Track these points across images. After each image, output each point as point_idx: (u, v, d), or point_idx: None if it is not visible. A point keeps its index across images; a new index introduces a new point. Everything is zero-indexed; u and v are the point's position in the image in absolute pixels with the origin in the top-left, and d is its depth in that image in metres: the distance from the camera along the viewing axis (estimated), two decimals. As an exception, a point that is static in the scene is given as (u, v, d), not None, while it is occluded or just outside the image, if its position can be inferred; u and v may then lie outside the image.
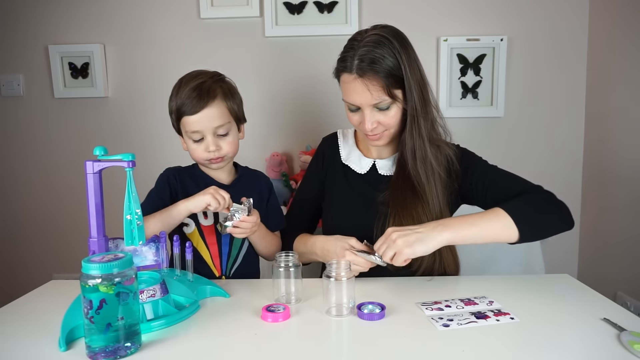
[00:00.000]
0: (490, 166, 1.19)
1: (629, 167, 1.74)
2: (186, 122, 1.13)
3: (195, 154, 1.16)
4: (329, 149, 1.30)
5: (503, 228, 1.00)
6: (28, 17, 1.99)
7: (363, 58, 1.05)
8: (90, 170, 0.83)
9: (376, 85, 1.05)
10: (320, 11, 1.94)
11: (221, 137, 1.15)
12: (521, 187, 1.11)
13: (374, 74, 1.05)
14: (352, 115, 1.13)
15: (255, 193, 1.24)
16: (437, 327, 0.83)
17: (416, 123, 1.11)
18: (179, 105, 1.13)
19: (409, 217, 1.09)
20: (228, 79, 1.20)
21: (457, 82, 1.97)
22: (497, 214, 1.01)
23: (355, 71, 1.05)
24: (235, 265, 1.21)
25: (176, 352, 0.76)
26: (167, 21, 1.98)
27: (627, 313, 0.88)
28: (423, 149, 1.12)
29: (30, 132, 2.06)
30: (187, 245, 1.00)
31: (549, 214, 1.05)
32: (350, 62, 1.06)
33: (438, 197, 1.13)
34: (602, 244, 1.91)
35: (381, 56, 1.04)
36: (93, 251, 0.83)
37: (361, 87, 1.06)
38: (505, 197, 1.08)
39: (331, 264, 0.90)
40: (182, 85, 1.14)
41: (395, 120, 1.11)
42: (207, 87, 1.12)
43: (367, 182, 1.21)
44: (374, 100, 1.07)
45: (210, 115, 1.12)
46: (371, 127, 1.10)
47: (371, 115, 1.09)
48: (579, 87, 1.98)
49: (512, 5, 1.94)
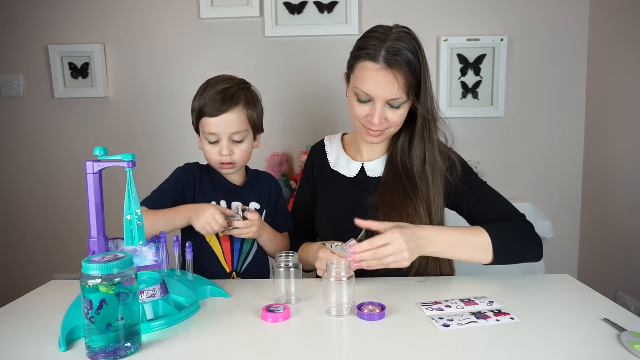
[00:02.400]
0: (480, 181, 1.19)
1: (629, 167, 1.74)
2: (205, 122, 1.15)
3: (208, 155, 1.19)
4: (317, 156, 1.30)
5: (480, 254, 1.04)
6: (28, 17, 1.99)
7: (391, 50, 1.03)
8: (90, 170, 0.83)
9: (402, 81, 1.03)
10: (320, 11, 1.94)
11: (236, 143, 1.17)
12: (507, 211, 1.13)
13: (401, 68, 1.03)
14: (359, 106, 1.10)
15: (265, 195, 1.26)
16: (437, 327, 0.83)
17: (427, 127, 1.11)
18: (201, 105, 1.15)
19: (398, 217, 1.09)
20: (254, 88, 1.23)
21: (457, 82, 1.97)
22: (480, 239, 1.03)
23: (383, 61, 1.03)
24: (247, 262, 1.22)
25: (176, 352, 0.76)
26: (167, 21, 1.98)
27: (627, 313, 0.88)
28: (433, 152, 1.12)
29: (30, 132, 2.06)
30: (187, 245, 1.00)
31: (526, 245, 1.08)
32: (376, 50, 1.03)
33: (440, 202, 1.13)
34: (602, 244, 1.91)
35: (409, 54, 1.04)
36: (93, 251, 0.83)
37: (385, 78, 1.03)
38: (491, 217, 1.11)
39: (331, 263, 0.90)
40: (209, 87, 1.16)
41: (401, 120, 1.11)
42: (231, 93, 1.15)
43: (356, 186, 1.21)
44: (392, 95, 1.05)
45: (228, 120, 1.14)
46: (379, 121, 1.08)
47: (382, 110, 1.07)
48: (579, 87, 1.98)
49: (512, 5, 1.94)
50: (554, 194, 2.03)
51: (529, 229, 1.10)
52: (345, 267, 0.89)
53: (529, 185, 2.03)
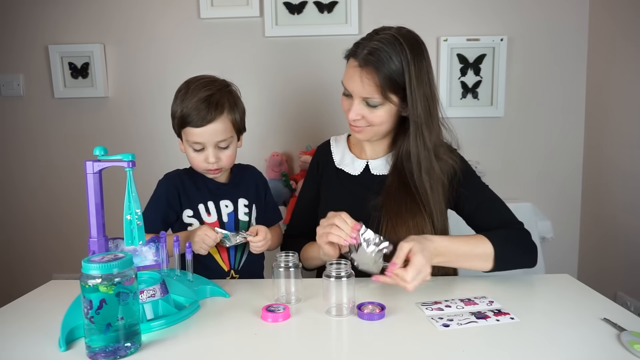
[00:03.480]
0: (482, 185, 1.20)
1: (629, 167, 1.74)
2: (189, 132, 1.13)
3: (194, 162, 1.18)
4: (322, 155, 1.31)
5: (482, 264, 1.06)
6: (28, 17, 1.99)
7: (371, 51, 1.05)
8: (90, 170, 0.83)
9: (370, 81, 1.05)
10: (320, 11, 1.94)
11: (221, 150, 1.16)
12: (507, 218, 1.15)
13: (373, 70, 1.05)
14: (344, 99, 1.15)
15: (252, 190, 1.26)
16: (437, 327, 0.83)
17: (420, 133, 1.10)
18: (184, 114, 1.12)
19: (403, 225, 1.09)
20: (234, 87, 1.21)
21: (457, 82, 1.97)
22: (485, 250, 1.05)
23: (359, 60, 1.07)
24: (244, 258, 1.23)
25: (176, 352, 0.76)
26: (167, 21, 1.98)
27: (627, 313, 0.88)
28: (429, 159, 1.11)
29: (30, 132, 2.06)
30: (187, 245, 1.00)
31: (524, 254, 1.10)
32: (361, 49, 1.08)
33: (441, 208, 1.14)
34: (602, 244, 1.91)
35: (387, 57, 1.04)
36: (93, 251, 0.83)
37: (358, 76, 1.07)
38: (490, 222, 1.13)
39: (331, 263, 0.90)
40: (190, 93, 1.13)
41: (381, 120, 1.11)
42: (215, 101, 1.12)
43: (361, 184, 1.21)
44: (364, 94, 1.08)
45: (214, 130, 1.12)
46: (354, 117, 1.11)
47: (359, 107, 1.10)
48: (579, 87, 1.98)
49: (512, 5, 1.93)
50: (554, 194, 2.03)
51: (527, 237, 1.11)
52: (345, 267, 0.90)
53: (528, 185, 2.03)
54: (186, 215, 1.19)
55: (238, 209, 1.22)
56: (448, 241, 1.03)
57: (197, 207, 1.19)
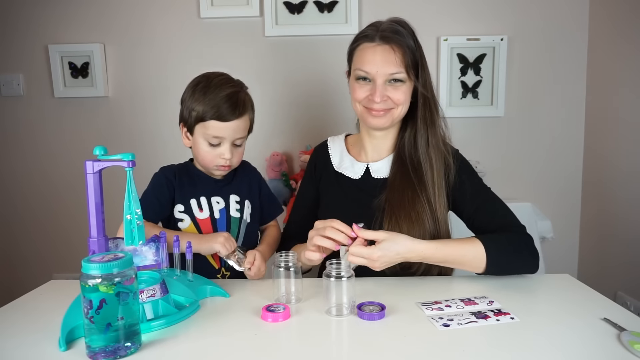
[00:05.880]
0: (484, 186, 1.19)
1: (629, 167, 1.74)
2: (211, 125, 1.12)
3: (206, 157, 1.16)
4: (320, 157, 1.29)
5: (472, 267, 1.05)
6: (28, 17, 1.99)
7: (387, 29, 1.09)
8: (90, 170, 0.83)
9: (395, 56, 1.08)
10: (320, 11, 1.94)
11: (235, 147, 1.17)
12: (508, 220, 1.12)
13: (396, 45, 1.08)
14: (360, 87, 1.12)
15: (245, 185, 1.26)
16: (437, 327, 0.83)
17: (429, 108, 1.14)
18: (209, 108, 1.12)
19: (406, 217, 1.09)
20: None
21: (457, 81, 1.97)
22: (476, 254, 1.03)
23: (379, 38, 1.09)
24: None
25: (176, 352, 0.76)
26: (167, 21, 1.98)
27: (627, 313, 0.88)
28: (436, 136, 1.15)
29: (30, 131, 2.06)
30: (187, 245, 1.00)
31: (522, 259, 1.07)
32: (373, 32, 1.10)
33: (444, 202, 1.13)
34: (602, 244, 1.91)
35: (406, 33, 1.10)
36: (93, 251, 0.83)
37: (382, 53, 1.08)
38: (489, 224, 1.12)
39: (331, 263, 0.90)
40: (212, 89, 1.13)
41: (405, 98, 1.12)
42: (241, 99, 1.15)
43: (361, 189, 1.20)
44: (391, 69, 1.08)
45: (237, 127, 1.14)
46: (380, 99, 1.09)
47: (383, 87, 1.10)
48: (578, 87, 1.98)
49: (512, 5, 1.93)
50: (554, 194, 2.03)
51: (527, 242, 1.08)
52: (345, 267, 0.89)
53: (528, 185, 2.03)
54: (177, 210, 1.18)
55: (230, 206, 1.21)
56: (435, 248, 1.01)
57: (189, 203, 1.18)
